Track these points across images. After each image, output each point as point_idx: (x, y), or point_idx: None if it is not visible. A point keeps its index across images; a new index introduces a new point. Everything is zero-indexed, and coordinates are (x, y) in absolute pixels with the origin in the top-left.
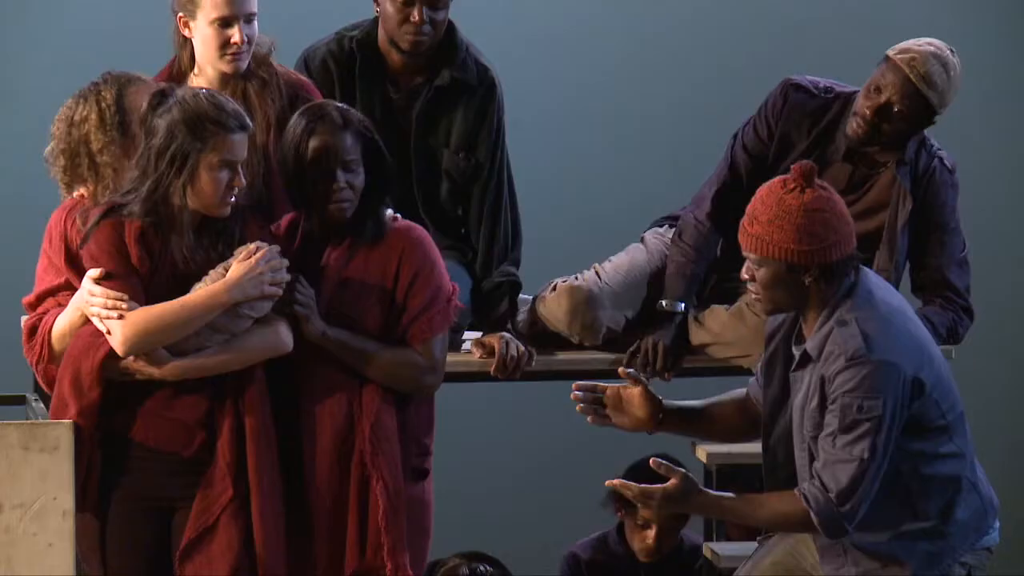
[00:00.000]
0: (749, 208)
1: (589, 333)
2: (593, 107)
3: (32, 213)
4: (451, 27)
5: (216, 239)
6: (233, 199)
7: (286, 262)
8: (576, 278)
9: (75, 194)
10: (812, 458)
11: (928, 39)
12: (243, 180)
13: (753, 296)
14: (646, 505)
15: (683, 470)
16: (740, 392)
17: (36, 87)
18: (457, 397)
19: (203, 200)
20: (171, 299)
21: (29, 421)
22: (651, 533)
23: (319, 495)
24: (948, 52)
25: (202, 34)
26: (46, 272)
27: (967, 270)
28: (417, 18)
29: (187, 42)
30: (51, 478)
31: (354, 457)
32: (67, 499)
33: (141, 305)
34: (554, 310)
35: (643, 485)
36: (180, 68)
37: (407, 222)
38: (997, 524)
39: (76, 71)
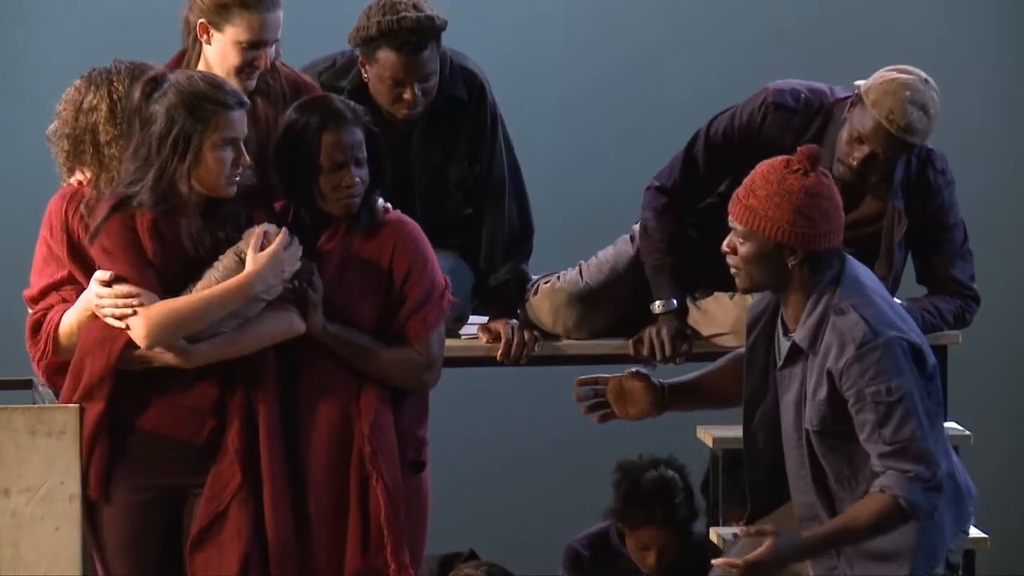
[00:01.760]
0: (747, 181)
1: (574, 333)
2: (600, 97)
3: (37, 196)
4: None
5: (223, 222)
6: (238, 178)
7: (300, 247)
8: (558, 278)
9: (74, 180)
10: (811, 452)
11: (901, 76)
12: (247, 158)
13: (732, 270)
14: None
15: (771, 528)
16: (738, 353)
17: (41, 67)
18: (461, 383)
19: (209, 181)
20: (183, 285)
21: (36, 405)
22: (652, 553)
23: (317, 492)
24: (922, 87)
25: (223, 49)
26: (46, 264)
27: (970, 259)
28: (410, 96)
29: (197, 42)
30: (58, 462)
31: (353, 455)
32: (74, 483)
33: (159, 297)
34: (537, 312)
35: (748, 559)
36: (188, 65)
37: (398, 214)
38: (972, 510)
39: (81, 51)
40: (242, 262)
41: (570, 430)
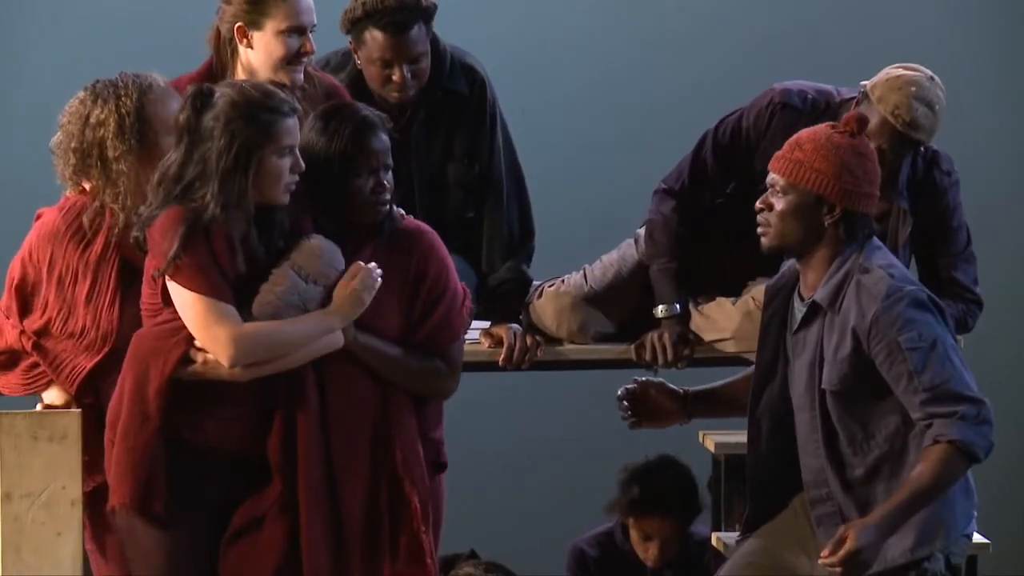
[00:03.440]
0: (791, 140)
1: (578, 337)
2: (601, 99)
3: (35, 198)
4: (432, 39)
5: (271, 230)
6: (292, 187)
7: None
8: (562, 282)
9: (76, 191)
10: (824, 414)
11: (906, 73)
12: (302, 164)
13: (760, 228)
14: (859, 568)
15: (842, 530)
16: None
17: (39, 69)
18: (463, 387)
19: (268, 190)
20: (241, 296)
21: (38, 410)
22: (654, 544)
23: (349, 500)
24: (928, 84)
25: (267, 45)
26: (23, 285)
27: (972, 262)
28: (399, 78)
29: (235, 53)
30: (60, 467)
31: (384, 463)
32: (75, 488)
33: (238, 315)
34: (541, 316)
35: (842, 556)
36: (220, 72)
37: (415, 221)
38: (975, 513)
39: (79, 53)
40: (299, 276)
41: (572, 434)
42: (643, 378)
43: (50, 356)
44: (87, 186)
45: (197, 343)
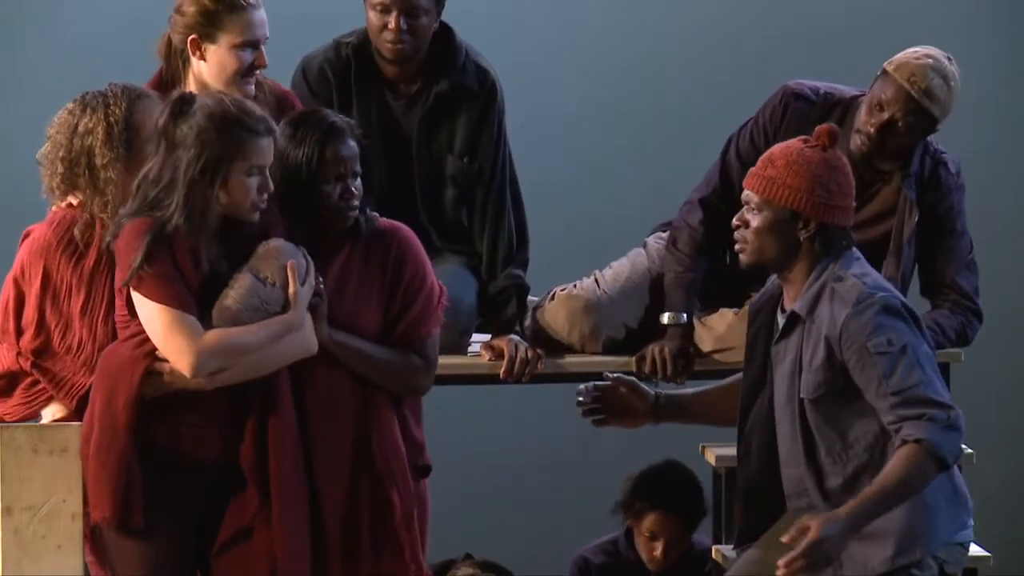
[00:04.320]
0: (764, 156)
1: (589, 341)
2: (605, 110)
3: (30, 212)
4: (449, 31)
5: (236, 242)
6: (263, 205)
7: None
8: (575, 286)
9: (63, 203)
10: (804, 424)
11: (925, 49)
12: (271, 185)
13: (738, 245)
14: (820, 558)
15: (806, 520)
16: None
17: (37, 88)
18: (465, 400)
19: (235, 206)
20: (204, 305)
21: (38, 423)
22: (659, 545)
23: (329, 501)
24: (946, 61)
25: (220, 59)
26: (17, 304)
27: (974, 271)
28: (394, 26)
29: (187, 63)
30: (60, 480)
31: (364, 461)
32: (76, 501)
33: (201, 325)
34: (553, 319)
35: (804, 547)
36: (171, 82)
37: (391, 221)
38: (971, 522)
39: (78, 72)
40: (258, 279)
41: (574, 446)
42: (615, 373)
43: (50, 374)
44: (74, 200)
45: (159, 355)
